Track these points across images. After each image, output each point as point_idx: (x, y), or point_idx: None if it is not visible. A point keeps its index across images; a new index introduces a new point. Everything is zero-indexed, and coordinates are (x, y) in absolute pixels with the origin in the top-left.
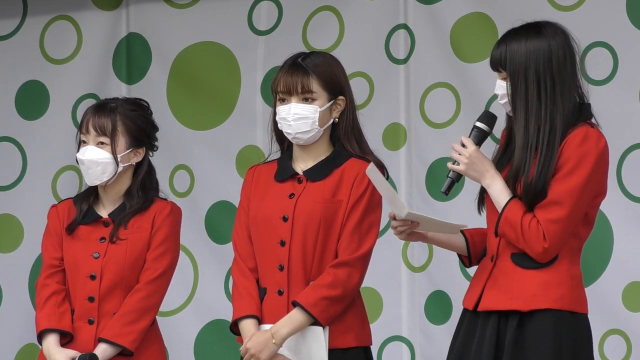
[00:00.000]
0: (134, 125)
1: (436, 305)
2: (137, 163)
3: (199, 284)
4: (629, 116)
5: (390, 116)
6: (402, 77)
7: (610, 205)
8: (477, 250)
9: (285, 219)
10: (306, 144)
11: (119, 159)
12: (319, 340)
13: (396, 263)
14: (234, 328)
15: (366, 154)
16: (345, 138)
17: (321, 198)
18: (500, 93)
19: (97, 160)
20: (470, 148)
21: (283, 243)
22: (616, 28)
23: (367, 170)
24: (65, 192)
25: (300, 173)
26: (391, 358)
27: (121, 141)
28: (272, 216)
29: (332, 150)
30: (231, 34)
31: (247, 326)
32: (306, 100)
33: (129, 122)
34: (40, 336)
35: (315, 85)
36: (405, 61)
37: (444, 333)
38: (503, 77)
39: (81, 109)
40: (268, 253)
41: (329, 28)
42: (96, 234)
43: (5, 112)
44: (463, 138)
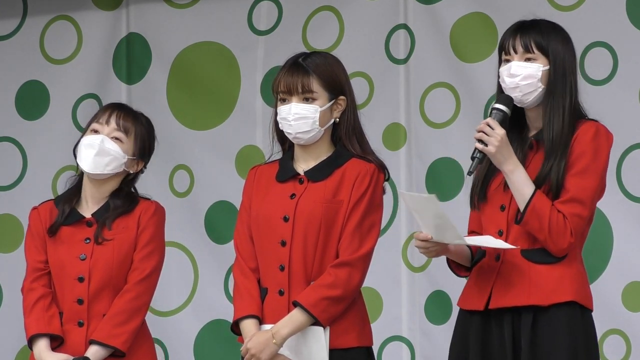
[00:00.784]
0: (148, 136)
1: (436, 305)
2: (128, 174)
3: (199, 284)
4: (629, 116)
5: (390, 116)
6: (402, 77)
7: (610, 205)
8: (477, 257)
9: (286, 219)
10: (307, 144)
11: (126, 160)
12: (320, 340)
13: (396, 263)
14: (235, 328)
15: (367, 154)
16: (346, 138)
17: (322, 198)
18: (524, 73)
19: (110, 150)
20: (500, 130)
21: (284, 243)
22: (616, 28)
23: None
24: None
25: (301, 173)
26: (391, 358)
27: (133, 146)
28: (273, 216)
29: (334, 150)
30: (231, 34)
31: (248, 326)
32: (307, 100)
33: (145, 133)
34: (30, 341)
35: (315, 85)
36: (405, 61)
37: (444, 333)
38: (528, 58)
39: (81, 109)
40: (269, 253)
41: (329, 28)
42: (80, 235)
43: (5, 112)
44: (489, 120)
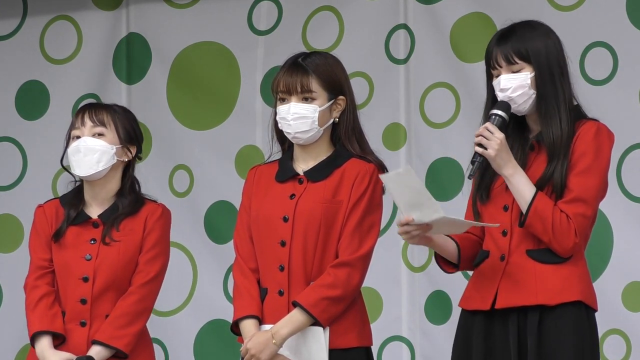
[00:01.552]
0: (128, 122)
1: (436, 305)
2: (125, 165)
3: (198, 284)
4: (629, 116)
5: (390, 116)
6: (402, 77)
7: (610, 205)
8: (467, 255)
9: (285, 220)
10: (306, 144)
11: (114, 151)
12: (319, 340)
13: (396, 263)
14: (235, 328)
15: (367, 154)
16: (345, 138)
17: (322, 198)
18: (514, 85)
19: (95, 147)
20: (499, 134)
21: (283, 243)
22: (616, 28)
23: (400, 172)
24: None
25: (301, 173)
26: (391, 358)
27: (116, 134)
28: (273, 216)
29: (333, 150)
30: (231, 34)
31: (248, 326)
32: (306, 99)
33: (124, 119)
34: (32, 338)
35: (314, 84)
36: (405, 61)
37: (444, 333)
38: (514, 70)
39: None
40: (269, 253)
41: (329, 28)
42: (86, 235)
43: (5, 112)
44: (488, 125)
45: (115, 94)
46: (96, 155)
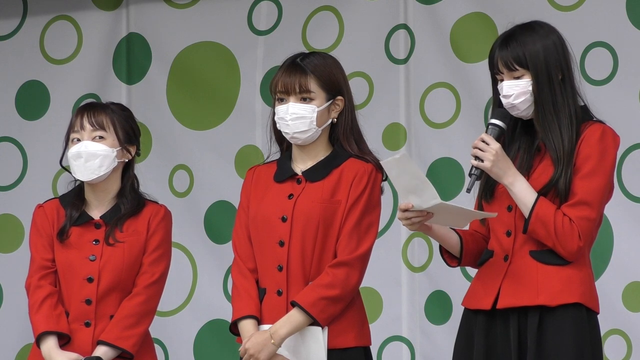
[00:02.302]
0: (126, 122)
1: (436, 305)
2: (125, 164)
3: (198, 284)
4: (629, 116)
5: (390, 116)
6: (402, 77)
7: (610, 205)
8: (469, 249)
9: (284, 220)
10: (304, 144)
11: (115, 154)
12: (318, 340)
13: (396, 263)
14: (234, 328)
15: (365, 154)
16: (344, 138)
17: (320, 198)
18: (516, 92)
19: (97, 152)
20: (495, 145)
21: (282, 243)
22: (616, 28)
23: (397, 157)
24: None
25: (299, 173)
26: (391, 358)
27: (116, 136)
28: (271, 217)
29: (331, 150)
30: (231, 34)
31: (247, 326)
32: (304, 100)
33: (122, 119)
34: (38, 339)
35: (313, 85)
36: (405, 61)
37: (444, 333)
38: (516, 76)
39: None
40: (267, 253)
41: (329, 28)
42: (89, 236)
43: (5, 112)
44: (484, 135)
45: (115, 94)
46: (98, 160)
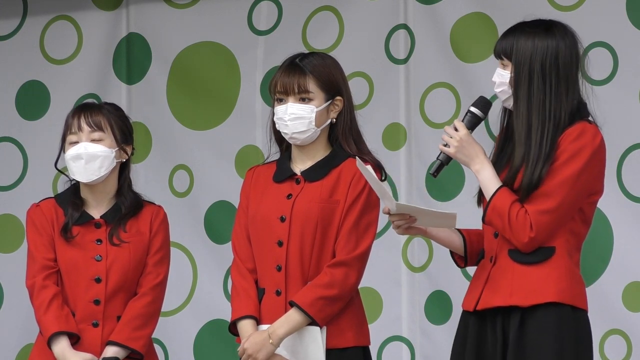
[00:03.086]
0: (121, 122)
1: (436, 305)
2: (121, 164)
3: (198, 284)
4: (629, 116)
5: (390, 116)
6: (402, 77)
7: (610, 205)
8: (474, 250)
9: (282, 220)
10: (303, 144)
11: (114, 154)
12: (316, 340)
13: (396, 263)
14: (233, 329)
15: (364, 154)
16: (343, 138)
17: (318, 198)
18: (498, 80)
19: (97, 153)
20: (462, 131)
21: (281, 243)
22: (616, 28)
23: (357, 163)
24: None
25: (298, 174)
26: (391, 358)
27: (114, 137)
28: (270, 217)
29: (330, 150)
30: (231, 34)
31: (245, 327)
32: (303, 100)
33: (117, 119)
34: (49, 340)
35: (312, 85)
36: (405, 61)
37: (444, 333)
38: (504, 65)
39: None
40: (266, 253)
41: (329, 28)
42: (90, 236)
43: (5, 112)
44: (456, 122)
45: (115, 94)
46: (98, 161)
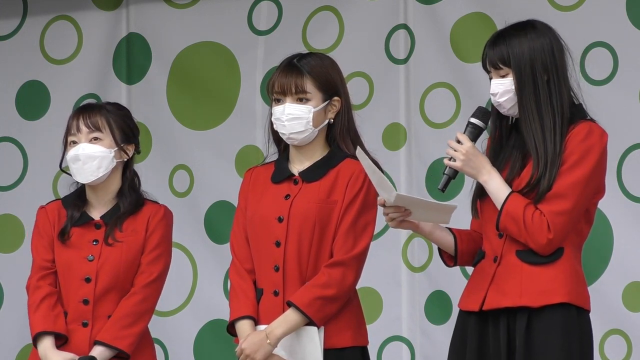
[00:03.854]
0: (123, 121)
1: (436, 305)
2: (124, 163)
3: (198, 284)
4: (629, 116)
5: (390, 116)
6: (402, 77)
7: (610, 205)
8: (464, 250)
9: (280, 220)
10: (301, 145)
11: (112, 154)
12: (314, 340)
13: (396, 263)
14: (231, 329)
15: None
16: (340, 139)
17: (316, 198)
18: (501, 90)
19: (94, 154)
20: (466, 144)
21: (278, 244)
22: (616, 28)
23: (357, 152)
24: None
25: (296, 174)
26: (391, 358)
27: (113, 137)
28: (268, 217)
29: (328, 151)
30: (231, 34)
31: (243, 327)
32: (300, 100)
33: (118, 119)
34: (34, 339)
35: (309, 85)
36: (405, 61)
37: (444, 333)
38: (502, 75)
39: None
40: (264, 254)
41: (329, 28)
42: (88, 236)
43: (5, 112)
44: (458, 134)
45: (115, 94)
46: (95, 162)
